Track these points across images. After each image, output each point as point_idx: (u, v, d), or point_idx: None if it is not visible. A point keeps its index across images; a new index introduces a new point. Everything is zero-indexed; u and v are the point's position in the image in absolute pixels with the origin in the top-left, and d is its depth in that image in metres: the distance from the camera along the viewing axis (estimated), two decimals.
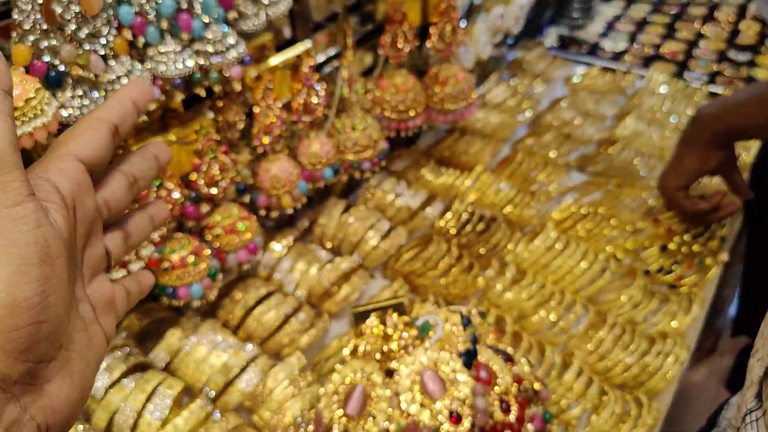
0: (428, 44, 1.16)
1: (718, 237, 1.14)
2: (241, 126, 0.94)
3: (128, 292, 0.44)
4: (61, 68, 0.67)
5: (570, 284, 1.06)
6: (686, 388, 1.04)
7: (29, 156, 0.75)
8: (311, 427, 0.76)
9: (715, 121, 1.03)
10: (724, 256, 1.13)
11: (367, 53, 1.33)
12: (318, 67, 1.12)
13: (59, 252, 0.31)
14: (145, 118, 0.75)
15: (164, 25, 0.74)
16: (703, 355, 1.34)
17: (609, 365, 0.94)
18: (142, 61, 0.75)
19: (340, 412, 0.74)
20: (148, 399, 0.82)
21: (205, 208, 0.88)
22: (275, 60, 0.90)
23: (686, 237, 1.13)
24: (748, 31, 1.84)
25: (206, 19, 0.76)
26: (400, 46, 1.10)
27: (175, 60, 0.75)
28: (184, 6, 0.74)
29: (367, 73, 1.28)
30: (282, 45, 1.02)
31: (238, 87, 0.81)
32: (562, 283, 1.07)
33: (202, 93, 0.80)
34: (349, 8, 1.18)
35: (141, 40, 0.73)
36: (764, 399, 0.59)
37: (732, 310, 1.64)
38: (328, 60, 1.14)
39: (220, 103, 0.90)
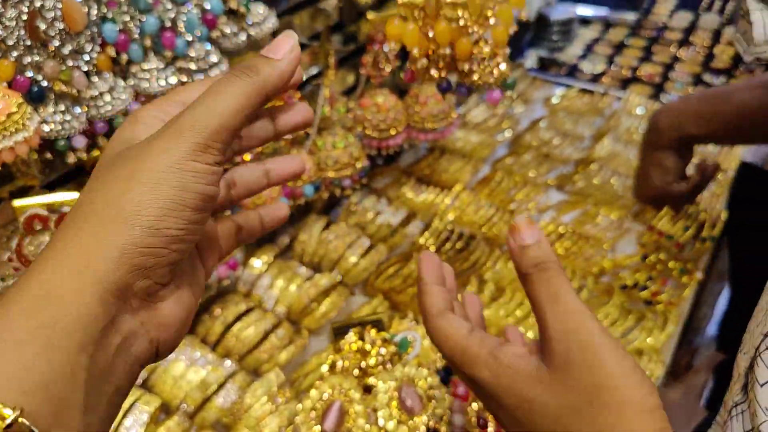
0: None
1: (694, 255, 1.17)
2: None
3: (239, 227, 0.46)
4: (44, 84, 0.67)
5: None
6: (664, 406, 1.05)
7: (9, 170, 0.76)
8: None
9: (673, 130, 1.07)
10: (699, 275, 1.15)
11: (349, 73, 1.35)
12: (300, 86, 1.14)
13: (209, 208, 0.36)
14: None
15: (148, 42, 0.74)
16: (679, 373, 1.35)
17: None
18: (125, 78, 0.76)
19: (318, 428, 0.74)
20: (125, 415, 0.81)
21: None
22: None
23: (662, 255, 1.15)
24: (723, 55, 1.88)
25: (189, 38, 0.77)
26: (381, 66, 1.12)
27: (158, 77, 0.76)
28: (168, 24, 0.75)
29: (349, 92, 1.30)
30: None
31: None
32: None
33: None
34: (332, 28, 1.20)
35: (124, 57, 0.74)
36: (749, 390, 0.60)
37: (713, 328, 1.67)
38: (311, 79, 1.16)
39: None
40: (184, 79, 0.78)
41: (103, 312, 0.31)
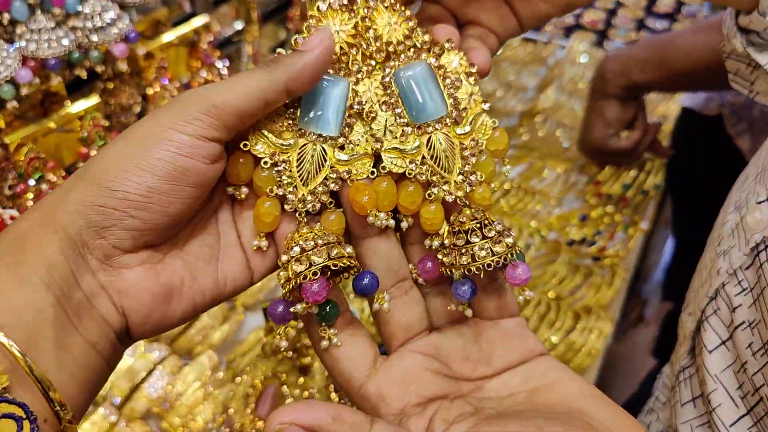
0: None
1: (641, 204, 1.14)
2: (137, 109, 0.87)
3: None
4: None
5: None
6: (613, 359, 1.03)
7: None
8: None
9: (619, 77, 1.05)
10: (644, 225, 1.13)
11: (279, 28, 1.26)
12: (222, 44, 1.05)
13: (188, 182, 0.35)
14: (15, 104, 0.67)
15: None
16: (629, 325, 1.35)
17: None
18: (11, 41, 0.67)
19: (252, 415, 0.69)
20: None
21: None
22: (168, 36, 0.83)
23: (608, 208, 1.13)
24: None
25: None
26: None
27: (48, 38, 0.67)
28: None
29: (278, 48, 1.22)
30: (182, 20, 0.95)
31: (124, 67, 0.74)
32: None
33: (83, 74, 0.72)
34: None
35: (6, 17, 0.65)
36: (697, 354, 0.58)
37: (660, 275, 1.67)
38: (234, 35, 1.07)
39: (111, 85, 0.82)
40: (79, 39, 0.69)
41: (64, 260, 0.33)
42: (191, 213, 0.37)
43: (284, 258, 0.37)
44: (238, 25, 1.08)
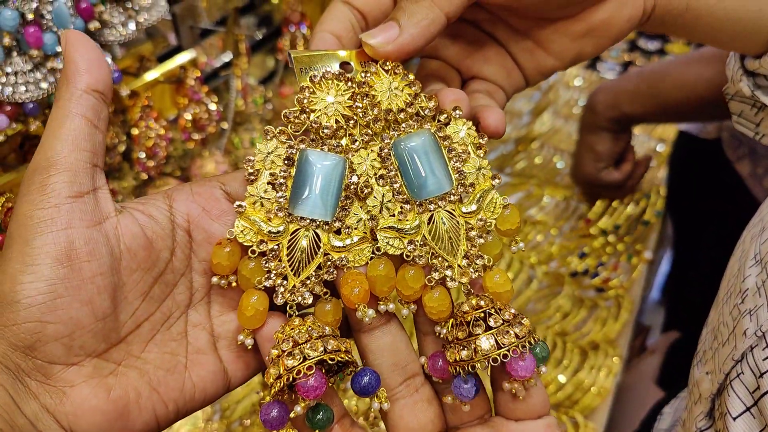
0: None
1: (641, 234, 1.11)
2: (122, 149, 0.83)
3: None
4: None
5: None
6: (618, 392, 1.00)
7: None
8: None
9: (610, 109, 1.04)
10: (648, 255, 1.10)
11: (269, 57, 1.23)
12: (213, 75, 1.02)
13: (91, 256, 0.30)
14: None
15: (7, 40, 0.62)
16: (632, 355, 1.31)
17: None
18: None
19: None
20: None
21: None
22: (153, 74, 0.79)
23: (610, 238, 1.10)
24: None
25: (60, 32, 0.64)
26: (300, 49, 1.01)
27: (25, 81, 0.64)
28: (30, 17, 0.62)
29: (268, 79, 1.18)
30: (167, 54, 0.91)
31: None
32: None
33: None
34: (243, 9, 1.08)
35: None
36: (717, 419, 0.55)
37: (655, 294, 1.64)
38: (221, 68, 1.04)
39: None
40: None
41: (1, 389, 0.29)
42: (130, 302, 0.32)
43: (274, 352, 0.33)
44: (226, 57, 1.04)
